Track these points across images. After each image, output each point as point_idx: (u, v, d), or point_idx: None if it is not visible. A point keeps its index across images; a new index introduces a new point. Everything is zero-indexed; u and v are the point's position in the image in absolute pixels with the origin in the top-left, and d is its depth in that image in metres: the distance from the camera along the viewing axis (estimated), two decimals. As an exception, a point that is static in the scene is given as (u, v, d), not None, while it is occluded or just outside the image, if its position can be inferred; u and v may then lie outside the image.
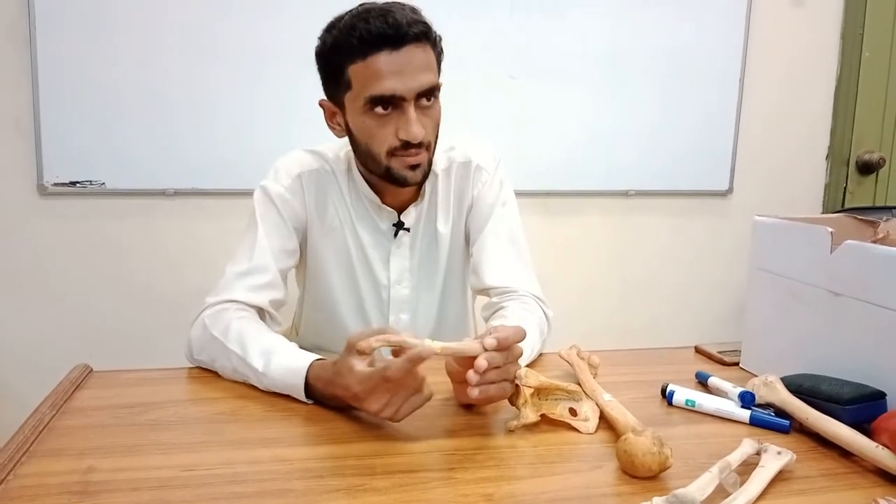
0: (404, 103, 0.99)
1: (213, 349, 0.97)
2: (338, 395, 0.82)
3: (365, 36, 0.96)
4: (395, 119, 1.00)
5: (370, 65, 0.97)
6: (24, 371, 1.68)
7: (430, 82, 1.00)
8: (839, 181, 2.21)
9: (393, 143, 1.01)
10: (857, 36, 2.13)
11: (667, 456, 0.68)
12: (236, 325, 0.97)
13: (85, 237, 1.73)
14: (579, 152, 1.97)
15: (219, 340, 0.96)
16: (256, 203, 1.12)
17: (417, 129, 0.99)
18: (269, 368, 0.89)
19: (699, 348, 1.14)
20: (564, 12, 1.89)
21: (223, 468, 0.70)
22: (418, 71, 0.98)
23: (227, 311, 1.01)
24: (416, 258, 1.19)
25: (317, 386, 0.85)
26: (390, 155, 1.02)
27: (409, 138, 0.99)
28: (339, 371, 0.81)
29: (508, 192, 1.20)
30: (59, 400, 0.85)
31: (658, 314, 2.12)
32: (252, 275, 1.06)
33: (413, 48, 0.98)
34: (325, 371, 0.84)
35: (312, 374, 0.86)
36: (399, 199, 1.15)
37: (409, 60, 0.97)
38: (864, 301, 0.84)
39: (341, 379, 0.80)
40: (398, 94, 0.97)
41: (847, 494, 0.68)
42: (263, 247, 1.08)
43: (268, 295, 1.06)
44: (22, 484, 0.66)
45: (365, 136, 1.03)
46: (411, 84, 0.98)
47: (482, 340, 0.75)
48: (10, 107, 1.64)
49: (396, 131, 1.00)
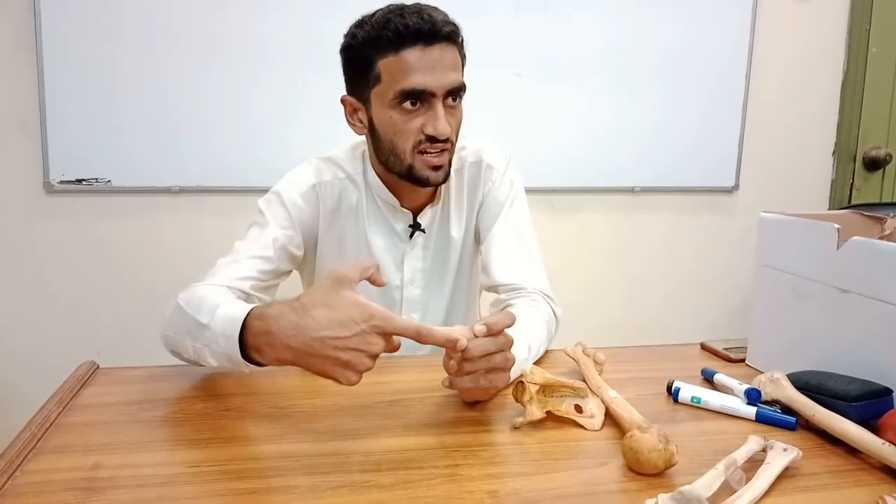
0: (433, 99, 1.00)
1: (175, 319, 0.92)
2: (290, 338, 0.72)
3: (401, 29, 0.97)
4: (423, 114, 1.01)
5: (402, 59, 0.98)
6: (31, 368, 1.69)
7: (458, 81, 1.02)
8: (846, 177, 2.20)
9: (418, 139, 1.02)
10: (864, 31, 2.12)
11: (672, 453, 0.68)
12: (201, 290, 0.94)
13: (91, 234, 1.73)
14: (585, 149, 1.97)
15: (179, 307, 0.91)
16: (265, 204, 1.11)
17: (445, 126, 1.00)
18: (213, 319, 0.83)
19: (705, 345, 1.14)
20: (569, 10, 1.88)
21: (228, 464, 0.70)
22: (448, 69, 1.00)
23: (201, 286, 0.97)
24: (428, 259, 1.19)
25: (260, 332, 0.76)
26: (415, 151, 1.03)
27: (437, 134, 1.00)
28: (332, 305, 0.72)
29: (518, 191, 1.20)
30: (65, 397, 0.85)
31: (663, 311, 2.12)
32: (239, 263, 1.04)
33: (444, 46, 0.99)
34: (279, 317, 0.74)
35: (256, 317, 0.78)
36: (416, 201, 1.15)
37: (440, 57, 0.99)
38: (871, 297, 0.83)
39: (342, 314, 0.71)
40: (429, 89, 0.98)
41: (853, 491, 0.68)
42: (265, 241, 1.07)
43: (253, 283, 1.03)
44: (29, 480, 0.66)
45: (390, 131, 1.03)
46: (442, 80, 0.99)
47: (472, 328, 0.76)
48: (17, 105, 1.65)
49: (423, 126, 1.01)
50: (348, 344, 0.71)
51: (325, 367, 0.73)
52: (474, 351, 0.75)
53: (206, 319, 0.85)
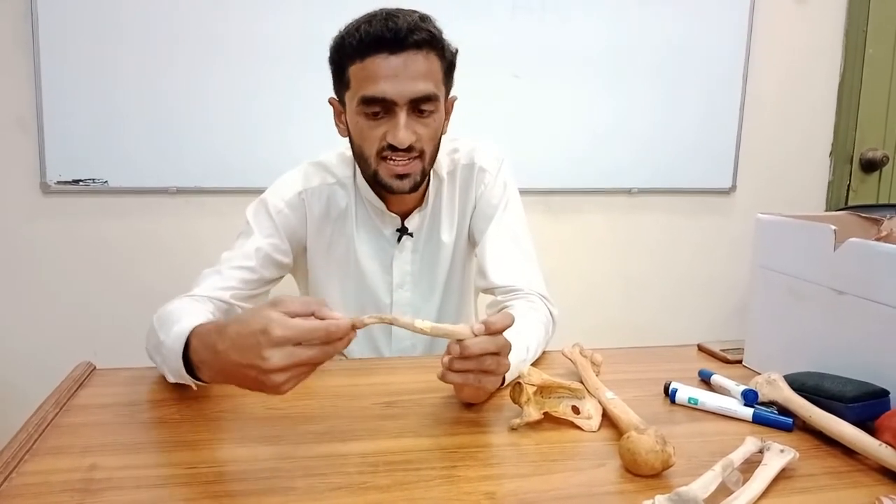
0: (395, 108, 0.99)
1: (148, 334, 0.91)
2: (227, 356, 0.69)
3: (364, 38, 0.97)
4: (386, 123, 1.01)
5: (367, 66, 0.98)
6: (28, 369, 1.69)
7: (424, 90, 0.99)
8: (842, 179, 2.20)
9: (381, 146, 1.02)
10: (861, 33, 2.12)
11: (669, 454, 0.68)
12: (173, 304, 0.94)
13: (88, 235, 1.73)
14: (582, 150, 1.97)
15: (152, 322, 0.91)
16: (251, 213, 1.12)
17: (404, 135, 0.99)
18: (168, 336, 0.82)
19: (702, 346, 1.14)
20: (567, 11, 1.88)
21: (226, 466, 0.70)
22: (414, 77, 0.98)
23: (176, 299, 0.97)
24: (418, 262, 1.19)
25: (197, 348, 0.76)
26: (379, 158, 1.03)
27: (395, 142, 1.00)
28: (247, 320, 0.68)
29: (512, 193, 1.20)
30: (62, 398, 0.85)
31: (661, 312, 2.12)
32: (221, 274, 1.05)
33: (413, 54, 0.98)
34: (211, 332, 0.74)
35: (195, 335, 0.77)
36: (404, 206, 1.15)
37: (405, 66, 0.98)
38: (868, 299, 0.83)
39: (247, 328, 0.67)
40: (389, 97, 0.98)
41: (850, 493, 0.68)
42: (247, 251, 1.08)
43: (234, 293, 1.04)
44: (25, 481, 0.66)
45: (358, 136, 1.04)
46: (403, 90, 0.98)
47: (471, 326, 0.76)
48: (14, 105, 1.64)
49: (385, 134, 1.01)
50: (246, 360, 0.67)
51: (246, 385, 0.70)
52: (473, 349, 0.75)
53: (164, 336, 0.84)
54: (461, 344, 0.75)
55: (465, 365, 0.77)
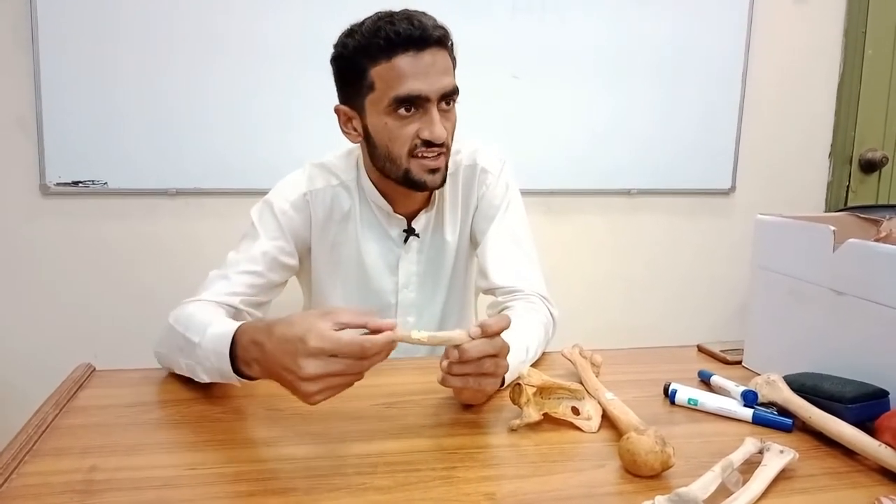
0: (428, 104, 1.00)
1: (167, 337, 0.95)
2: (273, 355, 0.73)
3: (392, 37, 0.97)
4: (418, 120, 1.01)
5: (395, 65, 0.98)
6: (27, 371, 1.69)
7: (451, 85, 1.02)
8: (842, 179, 2.20)
9: (414, 144, 1.02)
10: (860, 33, 2.12)
11: (669, 455, 0.68)
12: (190, 308, 0.97)
13: (87, 237, 1.73)
14: (581, 151, 1.97)
15: (171, 326, 0.94)
16: (256, 214, 1.12)
17: (441, 130, 1.01)
18: (204, 338, 0.85)
19: (702, 347, 1.14)
20: (566, 11, 1.88)
21: (226, 467, 0.70)
22: (441, 73, 1.00)
23: (190, 303, 1.00)
24: (423, 263, 1.19)
25: (247, 346, 0.79)
26: (411, 157, 1.03)
27: (433, 138, 1.00)
28: (292, 324, 0.72)
29: (514, 193, 1.20)
30: (62, 399, 0.85)
31: (660, 313, 2.12)
32: (228, 279, 1.05)
33: (435, 51, 1.00)
34: (260, 330, 0.77)
35: (244, 333, 0.80)
36: (410, 207, 1.15)
37: (432, 62, 0.99)
38: (867, 300, 0.84)
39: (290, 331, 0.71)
40: (423, 94, 0.99)
41: (850, 493, 0.68)
42: (254, 255, 1.08)
43: (242, 299, 1.05)
44: (25, 483, 0.66)
45: (386, 137, 1.03)
46: (436, 85, 0.99)
47: (468, 330, 0.76)
48: (13, 106, 1.64)
49: (419, 132, 1.01)
50: (284, 364, 0.71)
51: (285, 386, 0.74)
52: (471, 352, 0.75)
53: (197, 338, 0.86)
54: (459, 348, 0.75)
55: (464, 369, 0.77)
